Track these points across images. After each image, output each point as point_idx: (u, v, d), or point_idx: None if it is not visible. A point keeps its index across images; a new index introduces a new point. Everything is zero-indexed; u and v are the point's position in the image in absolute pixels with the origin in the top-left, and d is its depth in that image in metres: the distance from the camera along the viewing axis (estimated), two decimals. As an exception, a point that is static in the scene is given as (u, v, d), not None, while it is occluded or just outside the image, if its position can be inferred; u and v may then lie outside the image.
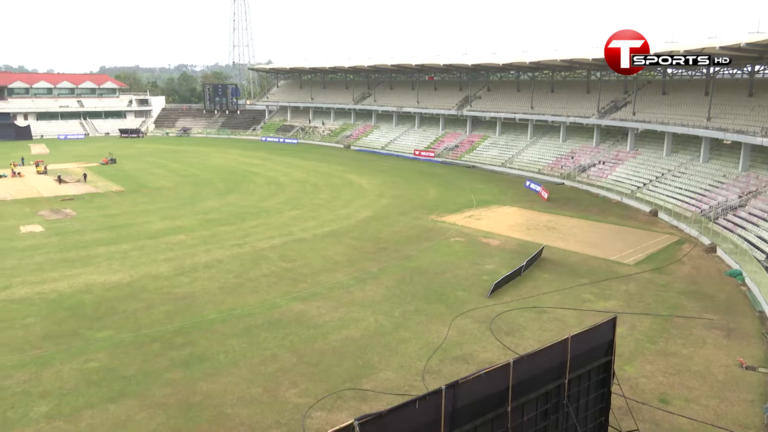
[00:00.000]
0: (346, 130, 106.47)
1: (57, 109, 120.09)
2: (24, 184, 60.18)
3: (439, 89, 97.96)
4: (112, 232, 40.80)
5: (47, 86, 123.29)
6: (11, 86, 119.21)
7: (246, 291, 29.48)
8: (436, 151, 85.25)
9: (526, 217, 47.02)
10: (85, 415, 18.25)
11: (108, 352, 22.60)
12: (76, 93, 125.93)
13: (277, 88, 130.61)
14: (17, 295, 28.48)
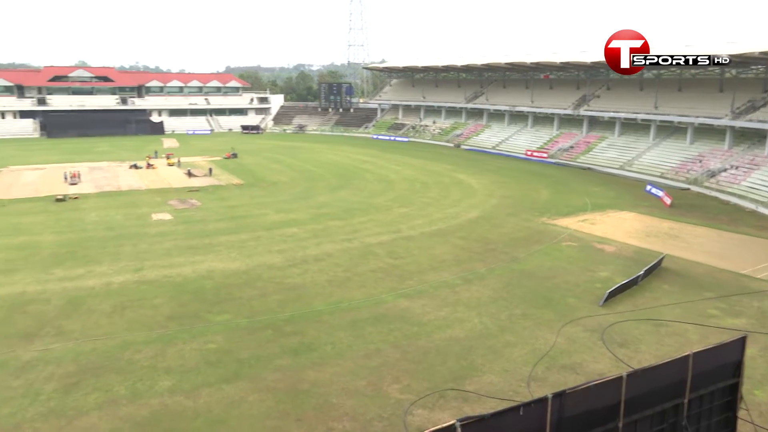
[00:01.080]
0: (456, 129, 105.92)
1: (187, 107, 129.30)
2: (156, 175, 65.32)
3: (554, 88, 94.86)
4: (231, 222, 43.26)
5: (179, 85, 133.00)
6: (148, 85, 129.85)
7: (353, 285, 30.16)
8: (549, 152, 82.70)
9: (646, 223, 44.41)
10: (203, 392, 19.51)
11: (225, 335, 24.01)
12: (204, 91, 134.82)
13: (389, 87, 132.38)
14: (148, 277, 30.98)
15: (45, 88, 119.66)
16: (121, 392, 19.50)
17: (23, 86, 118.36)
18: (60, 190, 54.37)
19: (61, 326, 24.75)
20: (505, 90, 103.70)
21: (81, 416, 18.12)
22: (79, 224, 42.46)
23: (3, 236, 38.97)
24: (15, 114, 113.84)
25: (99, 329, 24.47)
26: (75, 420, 17.92)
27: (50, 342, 23.26)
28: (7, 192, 54.47)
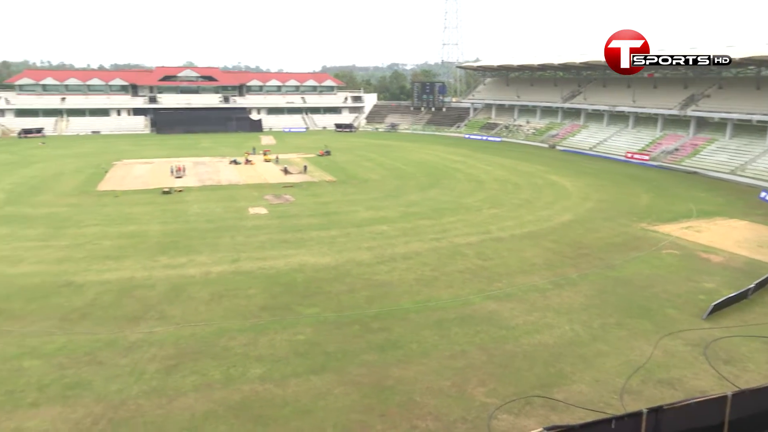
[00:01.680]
0: (551, 129, 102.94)
1: (284, 105, 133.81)
2: (254, 170, 68.04)
3: (659, 87, 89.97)
4: (323, 218, 44.31)
5: (277, 84, 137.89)
6: (249, 84, 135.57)
7: (441, 285, 30.03)
8: (651, 154, 78.58)
9: (759, 232, 41.18)
10: (291, 382, 20.12)
11: (314, 327, 24.62)
12: (300, 90, 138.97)
13: (483, 86, 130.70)
14: (244, 268, 32.34)
15: (156, 87, 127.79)
16: (216, 377, 20.49)
17: (137, 85, 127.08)
18: (166, 183, 57.88)
19: (164, 311, 26.34)
20: (604, 89, 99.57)
21: (179, 397, 19.20)
22: (182, 216, 45.01)
23: (115, 225, 42.00)
24: (129, 111, 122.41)
25: (198, 315, 25.83)
26: (174, 400, 19.02)
27: (154, 325, 24.82)
28: (121, 183, 58.67)
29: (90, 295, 28.22)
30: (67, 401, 18.94)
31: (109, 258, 34.16)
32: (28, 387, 19.82)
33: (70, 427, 17.58)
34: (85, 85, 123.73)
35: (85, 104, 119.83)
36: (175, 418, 18.00)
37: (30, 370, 21.01)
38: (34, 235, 39.16)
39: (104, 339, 23.48)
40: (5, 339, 23.42)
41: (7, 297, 27.91)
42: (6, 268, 32.18)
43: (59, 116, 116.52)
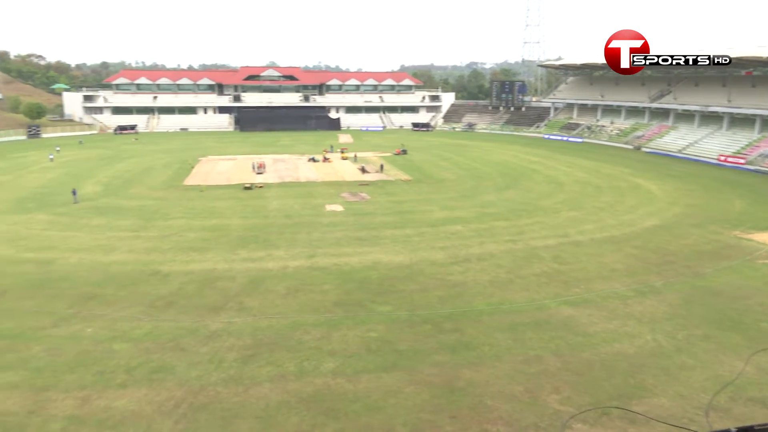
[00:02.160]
0: (637, 130, 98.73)
1: (362, 104, 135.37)
2: (331, 168, 69.23)
3: (758, 86, 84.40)
4: (398, 217, 44.48)
5: (356, 83, 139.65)
6: (328, 83, 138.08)
7: (515, 287, 29.46)
8: (747, 158, 73.83)
9: None
10: (363, 378, 20.33)
11: (386, 325, 24.77)
12: (378, 89, 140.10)
13: (565, 85, 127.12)
14: (319, 264, 32.97)
15: (240, 86, 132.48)
16: (290, 369, 21.00)
17: (222, 85, 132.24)
18: (248, 179, 59.88)
19: (243, 302, 27.27)
20: (696, 88, 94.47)
21: (255, 386, 19.82)
22: (262, 211, 46.43)
23: (200, 218, 43.87)
24: (215, 109, 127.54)
25: (274, 308, 26.57)
26: (250, 389, 19.66)
27: (233, 316, 25.75)
28: (206, 179, 61.23)
29: (175, 285, 29.64)
30: (152, 384, 19.98)
31: (193, 250, 35.73)
32: (118, 369, 21.06)
33: (154, 408, 18.53)
34: (175, 84, 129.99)
35: (175, 102, 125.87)
36: (250, 407, 18.60)
37: (119, 352, 22.32)
38: (126, 225, 41.54)
39: (187, 327, 24.59)
40: (99, 323, 24.99)
41: (100, 283, 29.77)
42: (101, 257, 34.32)
43: (151, 114, 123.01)
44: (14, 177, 61.74)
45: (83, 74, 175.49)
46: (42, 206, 47.63)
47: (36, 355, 22.16)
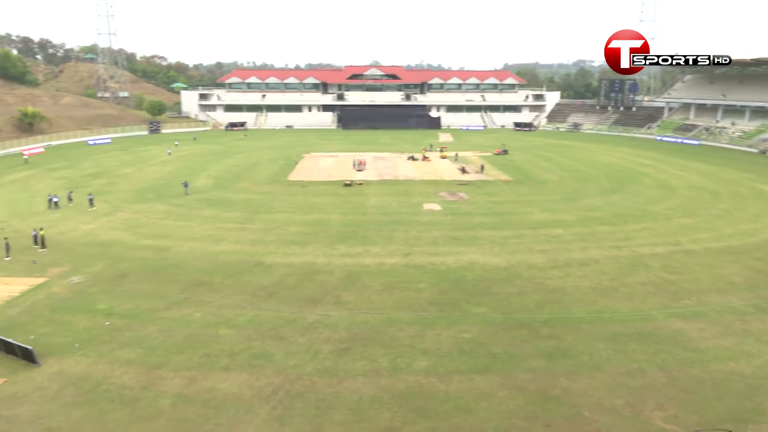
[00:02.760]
0: (763, 132, 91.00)
1: (463, 103, 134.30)
2: (430, 167, 69.22)
3: None
4: (496, 218, 43.73)
5: (457, 82, 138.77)
6: (430, 82, 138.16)
7: (619, 296, 28.10)
8: None
9: None
10: (455, 379, 20.19)
11: (480, 327, 24.44)
12: (480, 88, 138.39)
13: (681, 84, 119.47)
14: (415, 262, 33.09)
15: (344, 85, 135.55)
16: (384, 364, 21.24)
17: (327, 83, 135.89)
18: (348, 176, 61.15)
19: (340, 296, 27.90)
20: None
21: (349, 379, 20.23)
22: (361, 208, 47.27)
23: (302, 213, 45.36)
24: (319, 108, 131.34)
25: (370, 304, 26.98)
26: (344, 381, 20.09)
27: (330, 309, 26.42)
28: (308, 175, 63.22)
29: (276, 276, 30.85)
30: (252, 369, 20.93)
31: (294, 243, 37.01)
32: (222, 353, 22.24)
33: (253, 393, 19.40)
34: (282, 83, 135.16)
35: (282, 101, 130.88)
36: (343, 399, 19.01)
37: (224, 338, 23.55)
38: (234, 217, 43.73)
39: (286, 317, 25.53)
40: (206, 308, 26.50)
41: (209, 271, 31.56)
42: (210, 246, 36.36)
43: (259, 111, 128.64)
44: (136, 169, 66.76)
45: (200, 74, 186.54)
46: (160, 197, 51.17)
47: (150, 335, 23.86)
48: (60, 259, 33.87)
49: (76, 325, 24.80)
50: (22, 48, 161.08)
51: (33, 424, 17.80)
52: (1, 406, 18.78)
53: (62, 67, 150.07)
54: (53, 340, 23.37)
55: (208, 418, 18.04)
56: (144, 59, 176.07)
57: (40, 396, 19.39)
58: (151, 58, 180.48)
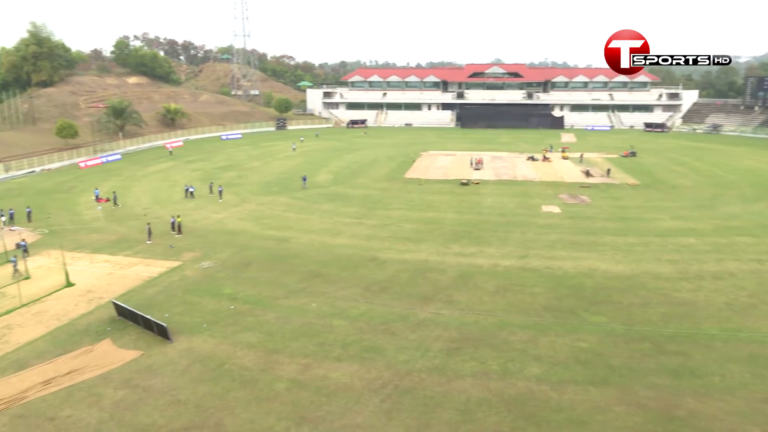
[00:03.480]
0: None
1: (589, 102, 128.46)
2: (550, 168, 66.96)
3: None
4: (620, 223, 41.44)
5: (583, 80, 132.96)
6: (554, 80, 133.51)
7: (759, 314, 25.59)
8: None
9: None
10: (568, 389, 19.39)
11: (598, 337, 23.28)
12: (609, 86, 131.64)
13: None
14: (530, 266, 32.17)
15: (464, 83, 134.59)
16: (494, 367, 20.86)
17: (447, 82, 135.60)
18: (465, 175, 60.67)
19: (452, 296, 27.77)
20: None
21: (457, 379, 20.08)
22: (476, 207, 46.72)
23: (417, 210, 45.64)
24: (438, 106, 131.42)
25: (482, 305, 26.60)
26: (452, 381, 19.97)
27: (441, 307, 26.36)
28: (425, 173, 63.49)
29: (390, 272, 31.29)
30: (363, 362, 21.38)
31: (408, 240, 37.34)
32: (335, 343, 22.94)
33: (364, 384, 19.82)
34: (403, 81, 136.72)
35: (402, 99, 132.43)
36: (451, 398, 18.90)
37: (338, 328, 24.27)
38: (351, 212, 44.92)
39: (398, 312, 25.81)
40: (322, 299, 27.45)
41: (326, 263, 32.66)
42: (328, 239, 37.62)
43: (379, 109, 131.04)
44: (263, 163, 70.53)
45: (324, 73, 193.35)
46: (283, 190, 53.71)
47: (270, 321, 25.12)
48: (193, 244, 36.58)
49: (204, 307, 26.67)
50: (167, 50, 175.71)
51: (165, 395, 19.36)
52: (139, 377, 20.61)
53: (201, 67, 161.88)
54: (184, 320, 25.29)
55: (320, 404, 18.68)
56: (274, 59, 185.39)
57: (171, 370, 21.05)
58: (281, 58, 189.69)
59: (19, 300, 27.65)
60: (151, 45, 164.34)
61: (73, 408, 18.78)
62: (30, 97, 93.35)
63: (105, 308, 26.64)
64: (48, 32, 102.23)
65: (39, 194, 53.47)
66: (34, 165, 67.56)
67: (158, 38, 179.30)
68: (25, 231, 40.16)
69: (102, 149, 79.29)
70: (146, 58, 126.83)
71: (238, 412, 18.33)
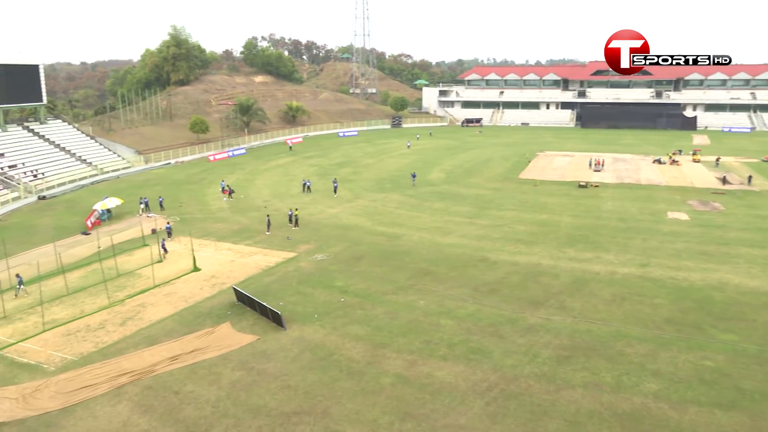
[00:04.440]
0: None
1: (726, 101, 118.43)
2: (679, 172, 62.49)
3: None
4: (758, 234, 37.90)
5: (722, 78, 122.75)
6: (687, 78, 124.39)
7: None
8: None
9: None
10: (690, 409, 18.04)
11: (727, 356, 21.45)
12: (751, 84, 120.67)
13: None
14: (652, 275, 30.26)
15: (586, 81, 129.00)
16: (607, 380, 19.85)
17: (568, 80, 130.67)
18: (583, 177, 58.14)
19: (564, 302, 26.76)
20: None
21: (567, 388, 19.32)
22: (594, 211, 44.65)
23: (530, 212, 44.44)
24: (557, 105, 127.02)
25: (596, 313, 25.40)
26: (561, 390, 19.24)
27: (552, 313, 25.49)
28: (541, 174, 61.63)
29: (500, 273, 30.72)
30: (469, 363, 21.17)
31: (520, 242, 36.45)
32: (441, 342, 22.89)
33: (468, 386, 19.62)
34: (521, 80, 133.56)
35: (519, 98, 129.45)
36: (560, 408, 18.22)
37: (444, 327, 24.20)
38: (462, 212, 44.60)
39: (507, 315, 25.29)
40: (430, 297, 27.50)
41: (435, 262, 32.68)
42: (438, 238, 37.62)
43: (495, 108, 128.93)
44: (377, 161, 71.81)
45: (441, 71, 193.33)
46: (396, 187, 54.39)
47: (378, 315, 25.55)
48: (308, 237, 38.03)
49: (316, 298, 27.64)
50: (292, 49, 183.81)
51: (277, 380, 20.29)
52: (254, 360, 21.76)
53: (323, 66, 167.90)
54: (297, 309, 26.36)
55: (424, 402, 18.73)
56: (392, 58, 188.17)
57: (284, 356, 22.02)
58: (398, 56, 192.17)
59: (153, 281, 30.18)
60: (277, 45, 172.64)
61: (195, 384, 20.18)
62: (168, 94, 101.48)
63: (226, 293, 28.38)
64: (186, 35, 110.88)
65: (173, 184, 57.98)
66: (169, 157, 73.43)
67: (284, 39, 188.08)
68: (160, 218, 43.75)
69: (229, 144, 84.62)
70: (272, 57, 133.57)
71: (344, 402, 18.81)
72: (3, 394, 19.82)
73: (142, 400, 19.29)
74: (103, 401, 19.32)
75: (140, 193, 51.58)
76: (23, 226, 43.45)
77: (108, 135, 77.71)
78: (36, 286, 29.33)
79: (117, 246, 35.14)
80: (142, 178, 62.84)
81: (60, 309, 27.24)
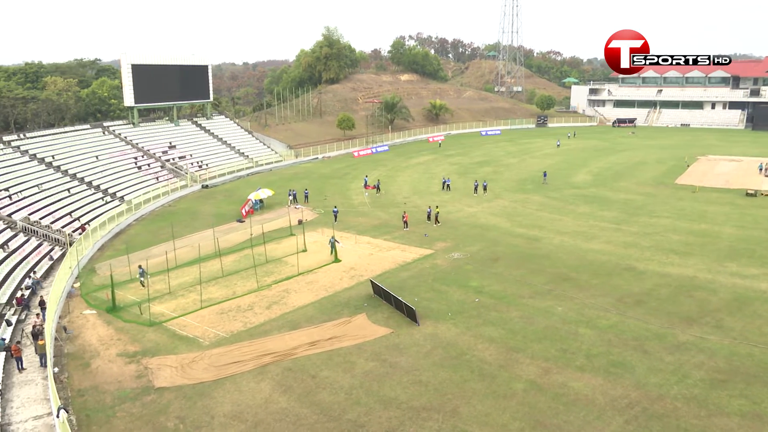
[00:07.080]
0: None
1: None
2: None
3: None
4: None
5: None
6: None
7: None
8: None
9: None
10: None
11: None
12: None
13: None
14: (833, 298, 26.62)
15: (761, 78, 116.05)
16: (769, 410, 17.82)
17: (739, 77, 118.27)
18: (752, 185, 52.38)
19: (721, 320, 24.38)
20: None
21: (720, 415, 17.61)
22: (764, 222, 40.12)
23: (687, 220, 40.94)
24: (724, 105, 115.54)
25: (761, 336, 22.86)
26: (713, 416, 17.57)
27: (707, 332, 23.33)
28: (701, 180, 56.46)
29: (648, 284, 28.68)
30: (608, 376, 20.02)
31: (673, 252, 33.76)
32: (579, 351, 21.87)
33: (607, 401, 18.56)
34: (683, 77, 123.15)
35: (680, 96, 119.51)
36: (711, 436, 16.66)
37: (583, 337, 23.10)
38: (609, 217, 42.18)
39: (653, 330, 23.57)
40: (569, 304, 26.38)
41: (576, 268, 31.26)
42: (581, 243, 35.94)
43: (652, 108, 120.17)
44: (520, 160, 70.10)
45: (593, 68, 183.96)
46: (538, 188, 52.77)
47: (513, 318, 25.00)
48: (445, 235, 38.12)
49: (450, 297, 27.65)
50: (438, 48, 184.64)
51: (408, 374, 20.61)
52: (387, 352, 22.28)
53: (468, 64, 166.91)
54: (431, 306, 26.55)
55: (557, 412, 18.03)
56: (540, 55, 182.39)
57: (416, 351, 22.30)
58: (547, 53, 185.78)
59: (297, 269, 31.97)
60: (424, 44, 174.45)
61: (331, 370, 21.09)
62: (319, 92, 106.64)
63: (363, 285, 29.31)
64: (338, 35, 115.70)
65: (319, 178, 60.93)
66: (317, 152, 77.19)
67: (430, 37, 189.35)
68: (306, 210, 46.19)
69: (373, 141, 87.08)
70: (418, 56, 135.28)
71: (474, 403, 18.65)
72: (165, 362, 22.10)
73: (282, 380, 20.53)
74: (248, 377, 20.84)
75: (289, 185, 54.76)
76: (188, 212, 47.99)
77: (263, 130, 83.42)
78: (196, 267, 32.28)
79: (267, 234, 37.64)
80: (291, 171, 66.72)
81: (216, 289, 29.78)
